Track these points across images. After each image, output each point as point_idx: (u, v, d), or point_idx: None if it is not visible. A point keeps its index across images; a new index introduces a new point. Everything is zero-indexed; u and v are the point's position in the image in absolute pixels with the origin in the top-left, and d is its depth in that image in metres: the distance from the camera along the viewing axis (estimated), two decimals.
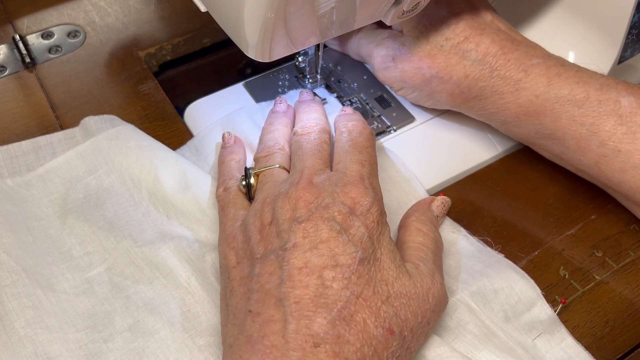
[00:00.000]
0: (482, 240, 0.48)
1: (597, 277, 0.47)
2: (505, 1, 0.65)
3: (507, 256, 0.47)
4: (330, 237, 0.37)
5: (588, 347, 0.43)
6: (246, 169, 0.46)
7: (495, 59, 0.49)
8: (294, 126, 0.50)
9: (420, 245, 0.42)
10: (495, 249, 0.47)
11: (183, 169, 0.49)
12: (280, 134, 0.49)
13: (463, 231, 0.48)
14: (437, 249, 0.43)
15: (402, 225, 0.45)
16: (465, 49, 0.49)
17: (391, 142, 0.55)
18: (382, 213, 0.40)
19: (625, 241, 0.49)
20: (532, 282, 0.45)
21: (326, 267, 0.36)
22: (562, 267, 0.47)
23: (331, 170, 0.43)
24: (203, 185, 0.49)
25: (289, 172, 0.45)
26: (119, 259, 0.44)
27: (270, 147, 0.47)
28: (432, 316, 0.39)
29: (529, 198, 0.52)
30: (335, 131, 0.48)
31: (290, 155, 0.47)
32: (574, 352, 0.43)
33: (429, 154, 0.54)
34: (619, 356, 0.44)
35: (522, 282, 0.45)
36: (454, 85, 0.50)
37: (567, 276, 0.47)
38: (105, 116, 0.52)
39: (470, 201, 0.51)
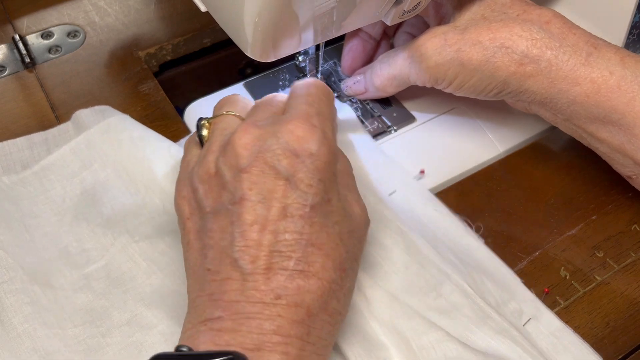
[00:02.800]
0: (464, 220, 0.48)
1: (598, 277, 0.47)
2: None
3: (508, 256, 0.47)
4: (278, 185, 0.35)
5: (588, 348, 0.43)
6: (199, 120, 0.42)
7: (561, 30, 0.45)
8: None
9: (340, 172, 0.40)
10: (476, 230, 0.48)
11: (176, 159, 0.49)
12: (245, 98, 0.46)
13: (445, 210, 0.48)
14: (351, 169, 0.42)
15: None
16: (527, 19, 0.46)
17: (391, 142, 0.55)
18: (331, 152, 0.37)
19: (626, 242, 0.49)
20: (511, 270, 0.46)
21: (277, 219, 0.35)
22: (562, 268, 0.47)
23: None
24: None
25: None
26: (117, 255, 0.45)
27: (232, 98, 0.44)
28: (364, 239, 0.39)
29: (530, 198, 0.52)
30: None
31: None
32: (563, 334, 0.43)
33: (429, 154, 0.54)
34: (620, 357, 0.44)
35: (503, 269, 0.45)
36: (521, 56, 0.45)
37: (567, 277, 0.47)
38: (97, 108, 0.52)
39: (470, 201, 0.51)
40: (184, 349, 0.32)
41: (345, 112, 0.55)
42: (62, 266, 0.44)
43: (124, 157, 0.49)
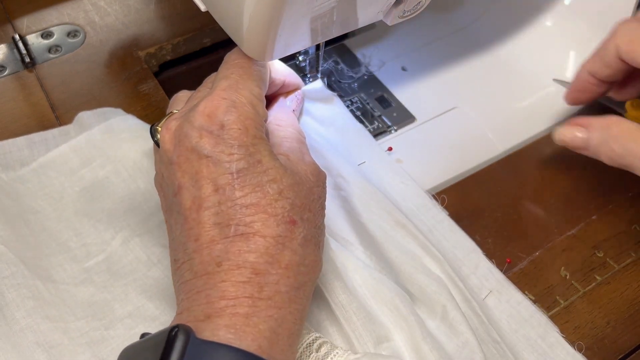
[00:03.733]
0: (430, 194, 0.49)
1: (598, 277, 0.47)
2: (506, 1, 0.65)
3: (508, 256, 0.47)
4: (202, 164, 0.37)
5: (589, 348, 0.43)
6: (151, 127, 0.43)
7: None
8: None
9: (283, 139, 0.42)
10: (441, 203, 0.49)
11: None
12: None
13: (412, 183, 0.50)
14: (300, 137, 0.44)
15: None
16: None
17: (392, 142, 0.55)
18: (245, 117, 0.38)
19: (627, 241, 0.49)
20: (474, 243, 0.47)
21: (210, 194, 0.36)
22: (563, 268, 0.47)
23: None
24: None
25: None
26: (118, 248, 0.45)
27: (176, 96, 0.46)
28: (319, 190, 0.40)
29: (530, 198, 0.52)
30: None
31: None
32: (522, 307, 0.44)
33: (429, 154, 0.54)
34: (620, 357, 0.44)
35: (466, 242, 0.47)
36: None
37: (568, 277, 0.47)
38: (99, 110, 0.52)
39: (471, 201, 0.51)
40: (149, 335, 0.34)
41: (315, 84, 0.55)
42: (62, 260, 0.44)
43: (124, 156, 0.49)
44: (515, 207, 0.51)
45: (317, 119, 0.52)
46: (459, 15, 0.67)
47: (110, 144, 0.49)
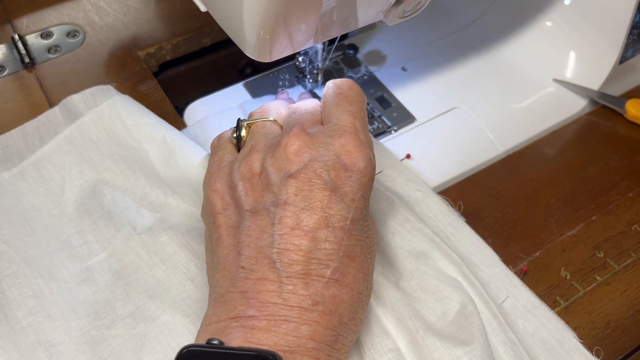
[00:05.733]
0: (445, 199, 0.49)
1: (598, 278, 0.47)
2: (506, 1, 0.65)
3: (509, 256, 0.47)
4: (324, 196, 0.36)
5: (589, 348, 0.43)
6: (238, 120, 0.43)
7: None
8: None
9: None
10: (457, 209, 0.49)
11: (172, 147, 0.49)
12: (276, 104, 0.46)
13: (428, 190, 0.49)
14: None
15: None
16: None
17: (392, 142, 0.54)
18: (374, 171, 0.38)
19: (627, 242, 0.49)
20: (491, 249, 0.47)
21: (319, 227, 0.35)
22: (563, 268, 0.47)
23: None
24: (194, 160, 0.48)
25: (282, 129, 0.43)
26: (119, 247, 0.45)
27: (266, 107, 0.45)
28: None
29: (530, 198, 0.52)
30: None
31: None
32: (539, 312, 0.44)
33: (429, 154, 0.54)
34: (620, 357, 0.44)
35: (484, 249, 0.47)
36: None
37: (568, 277, 0.47)
38: (88, 91, 0.52)
39: (471, 201, 0.51)
40: (215, 342, 0.32)
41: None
42: (64, 259, 0.44)
43: (121, 148, 0.49)
44: (516, 208, 0.51)
45: None
46: (459, 15, 0.67)
47: (106, 134, 0.49)
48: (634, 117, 0.57)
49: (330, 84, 0.43)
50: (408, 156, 0.53)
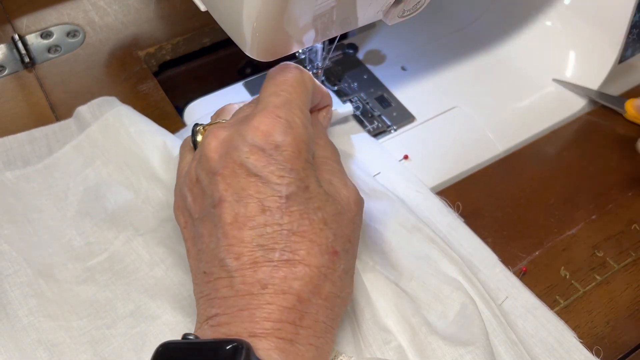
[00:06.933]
0: (443, 200, 0.49)
1: (598, 277, 0.47)
2: (506, 1, 0.65)
3: (508, 256, 0.47)
4: (250, 182, 0.36)
5: (589, 348, 0.43)
6: (194, 125, 0.43)
7: None
8: None
9: (324, 159, 0.41)
10: (455, 210, 0.49)
11: (172, 153, 0.49)
12: (237, 104, 0.45)
13: (426, 191, 0.49)
14: (338, 157, 0.43)
15: None
16: None
17: (391, 142, 0.54)
18: (299, 140, 0.37)
19: (626, 241, 0.49)
20: (490, 249, 0.46)
21: (256, 215, 0.35)
22: (563, 267, 0.47)
23: None
24: None
25: None
26: (120, 247, 0.45)
27: (223, 108, 0.45)
28: (358, 218, 0.39)
29: (530, 198, 0.52)
30: None
31: None
32: (539, 312, 0.44)
33: (429, 154, 0.54)
34: (620, 356, 0.44)
35: (483, 249, 0.47)
36: None
37: (568, 276, 0.47)
38: (94, 102, 0.52)
39: (470, 201, 0.51)
40: (191, 337, 0.33)
41: (346, 107, 0.54)
42: (65, 259, 0.44)
43: (125, 153, 0.49)
44: (515, 207, 0.51)
45: (330, 132, 0.52)
46: (459, 15, 0.67)
47: (112, 142, 0.50)
48: (634, 117, 0.57)
49: (272, 69, 0.43)
50: (406, 157, 0.53)
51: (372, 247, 0.45)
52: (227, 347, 0.31)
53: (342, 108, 0.53)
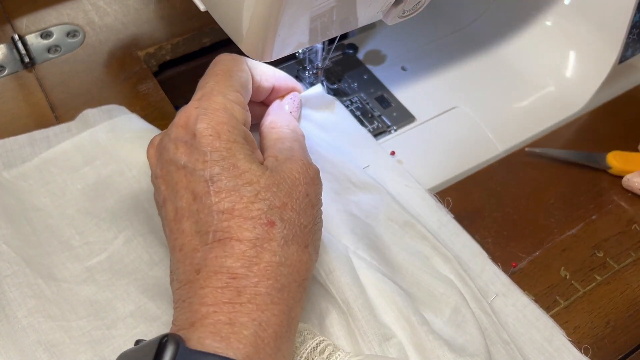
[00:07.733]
0: (434, 196, 0.49)
1: (598, 277, 0.47)
2: (506, 1, 0.65)
3: (509, 256, 0.47)
4: (181, 176, 0.37)
5: (589, 348, 0.43)
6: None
7: None
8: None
9: (275, 141, 0.42)
10: (446, 205, 0.49)
11: None
12: None
13: (416, 185, 0.49)
14: (295, 137, 0.43)
15: (260, 133, 0.45)
16: None
17: (391, 142, 0.54)
18: (216, 122, 0.38)
19: (626, 241, 0.49)
20: (479, 246, 0.47)
21: (190, 205, 0.37)
22: (563, 268, 0.47)
23: None
24: None
25: None
26: (120, 247, 0.45)
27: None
28: (308, 188, 0.39)
29: (530, 198, 0.52)
30: None
31: None
32: (529, 310, 0.44)
33: (429, 154, 0.54)
34: (620, 356, 0.44)
35: (472, 245, 0.47)
36: None
37: (568, 276, 0.47)
38: (104, 107, 0.53)
39: (470, 201, 0.51)
40: (142, 342, 0.35)
41: (315, 88, 0.53)
42: (64, 259, 0.44)
43: (127, 155, 0.49)
44: (515, 207, 0.51)
45: (319, 124, 0.52)
46: (459, 15, 0.67)
47: (114, 144, 0.50)
48: (621, 171, 0.53)
49: None
50: (392, 153, 0.53)
51: (367, 243, 0.45)
52: (154, 347, 0.32)
53: (311, 90, 0.52)
